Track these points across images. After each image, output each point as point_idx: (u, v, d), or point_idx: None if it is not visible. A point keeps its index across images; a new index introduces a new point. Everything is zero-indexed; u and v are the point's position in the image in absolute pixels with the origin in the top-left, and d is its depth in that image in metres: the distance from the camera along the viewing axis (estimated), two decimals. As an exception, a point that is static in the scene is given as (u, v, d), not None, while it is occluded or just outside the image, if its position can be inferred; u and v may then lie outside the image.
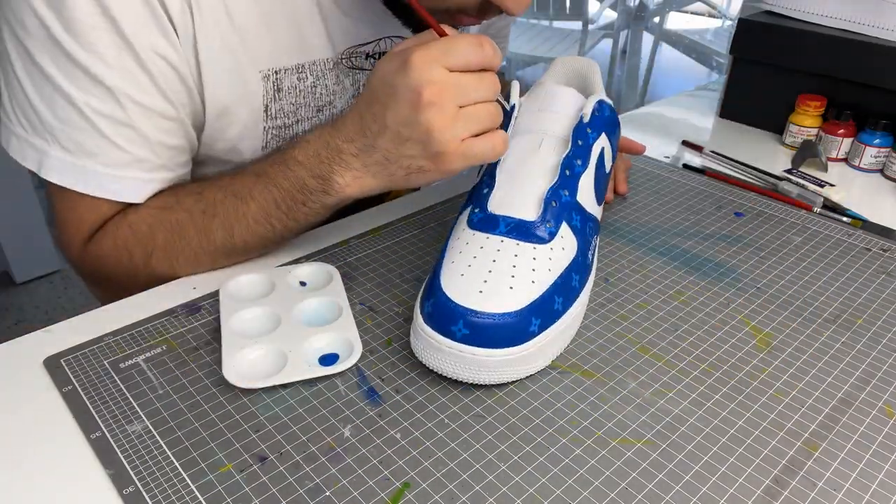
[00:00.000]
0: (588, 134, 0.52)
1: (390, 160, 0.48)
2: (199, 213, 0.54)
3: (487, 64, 0.46)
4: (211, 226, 0.54)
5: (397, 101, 0.46)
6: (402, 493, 0.38)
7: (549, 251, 0.47)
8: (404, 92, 0.45)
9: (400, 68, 0.45)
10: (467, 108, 0.46)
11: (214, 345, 0.49)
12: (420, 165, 0.48)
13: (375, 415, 0.43)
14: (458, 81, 0.45)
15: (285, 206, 0.52)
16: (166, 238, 0.54)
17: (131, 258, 0.55)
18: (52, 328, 0.51)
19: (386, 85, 0.46)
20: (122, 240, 0.55)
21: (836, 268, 0.61)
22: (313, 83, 0.60)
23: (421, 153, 0.47)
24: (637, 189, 0.73)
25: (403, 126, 0.46)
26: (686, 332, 0.52)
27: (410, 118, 0.45)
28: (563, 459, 0.41)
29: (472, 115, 0.46)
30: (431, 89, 0.44)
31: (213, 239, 0.54)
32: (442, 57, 0.45)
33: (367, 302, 0.54)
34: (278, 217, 0.53)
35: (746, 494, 0.39)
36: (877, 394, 0.47)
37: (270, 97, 0.58)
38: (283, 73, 0.58)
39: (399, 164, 0.48)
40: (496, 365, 0.44)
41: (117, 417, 0.43)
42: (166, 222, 0.54)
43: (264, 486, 0.39)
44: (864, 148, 0.80)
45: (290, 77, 0.59)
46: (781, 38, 0.85)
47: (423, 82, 0.44)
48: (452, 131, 0.45)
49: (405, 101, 0.45)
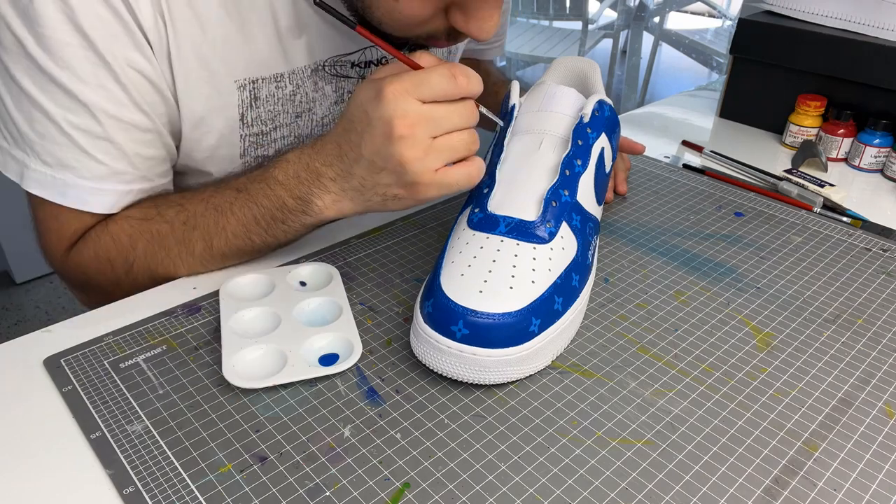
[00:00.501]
0: (588, 134, 0.52)
1: (366, 187, 0.49)
2: (179, 225, 0.54)
3: (462, 94, 0.46)
4: (191, 237, 0.54)
5: (371, 132, 0.46)
6: (402, 493, 0.38)
7: (549, 251, 0.47)
8: (377, 123, 0.45)
9: (374, 98, 0.46)
10: (441, 139, 0.46)
11: (214, 345, 0.49)
12: (395, 193, 0.48)
13: (375, 415, 0.43)
14: (431, 113, 0.45)
15: (264, 223, 0.53)
16: (146, 248, 0.55)
17: (112, 267, 0.56)
18: (52, 328, 0.51)
19: (362, 114, 0.47)
20: (104, 249, 0.56)
21: (836, 268, 0.61)
22: (293, 91, 0.61)
23: (395, 182, 0.47)
24: (637, 189, 0.73)
25: (377, 156, 0.47)
26: (686, 332, 0.52)
27: (384, 150, 0.46)
28: (563, 459, 0.41)
29: (446, 146, 0.46)
30: (403, 122, 0.45)
31: (193, 250, 0.55)
32: (414, 89, 0.45)
33: (367, 302, 0.54)
34: (257, 233, 0.54)
35: (746, 494, 0.39)
36: (877, 394, 0.47)
37: (247, 106, 0.59)
38: (261, 83, 0.58)
39: (375, 192, 0.49)
40: (496, 365, 0.44)
41: (117, 417, 0.43)
42: (147, 233, 0.55)
43: (264, 486, 0.39)
44: (864, 148, 0.80)
45: (269, 86, 0.59)
46: (781, 38, 0.85)
47: (396, 115, 0.45)
48: (425, 163, 0.46)
49: (379, 132, 0.46)
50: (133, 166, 0.55)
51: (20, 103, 0.51)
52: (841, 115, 0.81)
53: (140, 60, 0.51)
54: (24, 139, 0.52)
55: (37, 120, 0.51)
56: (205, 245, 0.54)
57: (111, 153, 0.53)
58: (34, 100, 0.50)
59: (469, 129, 0.47)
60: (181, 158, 0.61)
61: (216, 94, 0.56)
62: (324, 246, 0.61)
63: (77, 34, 0.48)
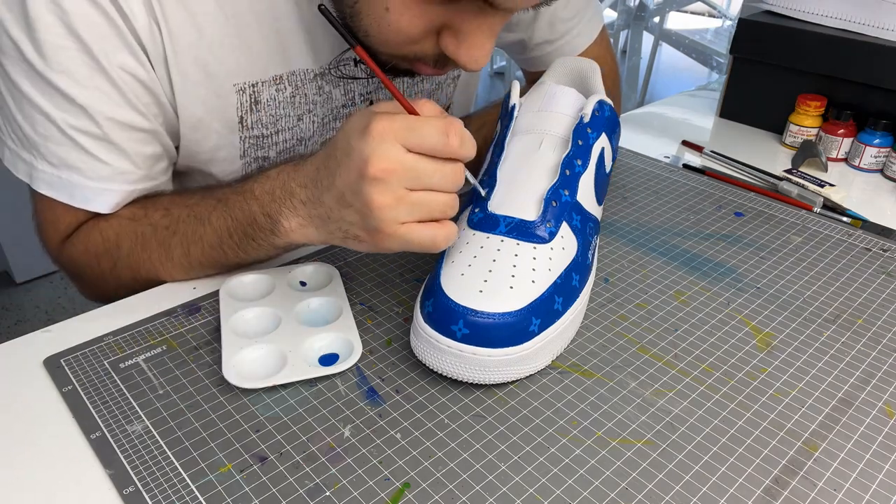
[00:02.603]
0: (588, 134, 0.52)
1: (332, 219, 0.47)
2: (162, 229, 0.54)
3: (451, 154, 0.43)
4: (171, 242, 0.54)
5: (348, 164, 0.44)
6: (402, 493, 0.38)
7: (549, 251, 0.47)
8: (355, 157, 0.43)
9: (361, 131, 0.43)
10: (417, 193, 0.43)
11: (214, 345, 0.49)
12: (356, 234, 0.46)
13: (375, 415, 0.43)
14: (413, 165, 0.43)
15: (237, 237, 0.52)
16: (130, 248, 0.55)
17: (99, 264, 0.57)
18: (52, 328, 0.51)
19: (345, 143, 0.44)
20: (93, 246, 0.56)
21: (836, 268, 0.61)
22: (292, 93, 0.60)
23: (358, 223, 0.45)
24: (637, 189, 0.73)
25: (348, 191, 0.44)
26: (686, 332, 0.52)
27: (355, 186, 0.43)
28: (563, 459, 0.41)
29: (420, 202, 0.43)
30: (381, 165, 0.42)
31: (172, 255, 0.54)
32: (402, 134, 0.42)
33: (367, 302, 0.54)
34: (230, 246, 0.53)
35: (746, 494, 0.39)
36: (877, 394, 0.47)
37: (246, 109, 0.58)
38: (261, 86, 0.58)
39: (338, 226, 0.47)
40: (496, 365, 0.44)
41: (117, 417, 0.43)
42: (132, 234, 0.55)
43: (264, 486, 0.39)
44: (864, 148, 0.80)
45: (269, 89, 0.59)
46: (781, 38, 0.85)
47: (374, 154, 0.42)
48: (392, 212, 0.43)
49: (354, 166, 0.43)
50: (135, 165, 0.55)
51: (22, 107, 0.51)
52: (841, 115, 0.81)
53: (133, 64, 0.51)
54: (30, 141, 0.52)
55: (38, 122, 0.51)
56: (182, 251, 0.54)
57: (112, 153, 0.53)
58: (34, 103, 0.50)
59: (450, 193, 0.45)
60: (182, 159, 0.61)
61: (214, 97, 0.56)
62: (324, 246, 0.61)
63: (71, 37, 0.48)
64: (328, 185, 0.46)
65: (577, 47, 0.76)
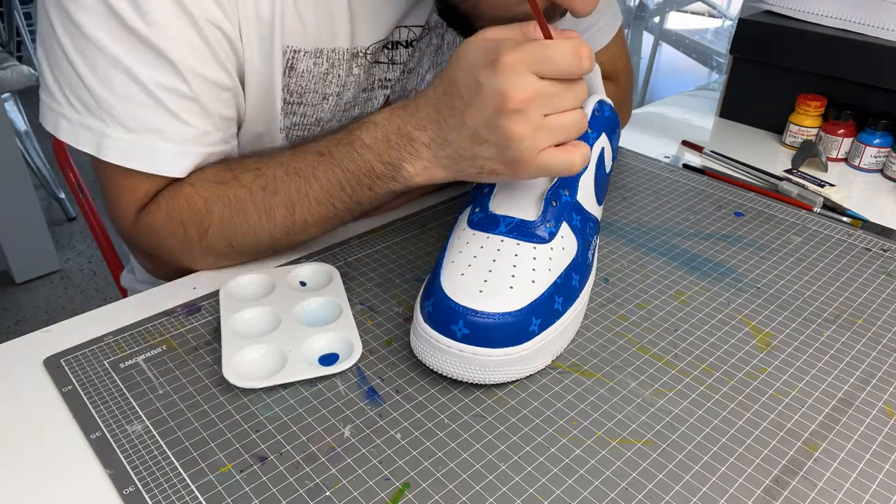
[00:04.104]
0: (588, 134, 0.52)
1: (463, 157, 0.46)
2: (258, 190, 0.53)
3: (582, 74, 0.44)
4: (272, 203, 0.52)
5: (481, 101, 0.43)
6: (402, 493, 0.38)
7: (549, 251, 0.47)
8: (490, 93, 0.42)
9: (488, 66, 0.42)
10: (551, 118, 0.43)
11: (214, 345, 0.49)
12: (493, 168, 0.46)
13: (375, 415, 0.43)
14: (548, 90, 0.42)
15: (350, 189, 0.51)
16: (222, 213, 0.53)
17: (185, 231, 0.54)
18: (52, 328, 0.51)
19: (470, 79, 0.44)
20: (177, 212, 0.54)
21: (836, 268, 0.61)
22: (327, 70, 0.59)
23: (496, 156, 0.45)
24: (637, 189, 0.74)
25: (483, 127, 0.44)
26: (686, 332, 0.52)
27: (492, 121, 0.43)
28: (563, 459, 0.41)
29: (557, 126, 0.44)
30: (520, 96, 0.42)
31: (274, 216, 0.53)
32: (535, 63, 0.42)
33: (367, 302, 0.54)
34: (341, 199, 0.52)
35: (746, 494, 0.39)
36: (877, 394, 0.47)
37: (280, 72, 0.57)
38: (301, 55, 0.56)
39: (471, 163, 0.46)
40: (496, 365, 0.44)
41: (117, 417, 0.43)
42: (224, 197, 0.53)
43: (264, 486, 0.39)
44: (864, 148, 0.80)
45: (307, 60, 0.57)
46: (781, 38, 0.85)
47: (513, 88, 0.42)
48: (533, 141, 0.43)
49: (490, 103, 0.43)
50: (216, 127, 0.54)
51: (97, 65, 0.49)
52: (841, 115, 0.81)
53: (220, 16, 0.50)
54: (102, 105, 0.50)
55: (118, 82, 0.49)
56: (286, 212, 0.53)
57: (197, 114, 0.52)
58: (117, 59, 0.48)
59: (580, 109, 0.45)
60: None
61: (269, 54, 0.55)
62: (324, 246, 0.61)
63: None
64: (456, 124, 0.45)
65: (600, 42, 0.76)
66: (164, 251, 0.56)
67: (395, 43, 0.63)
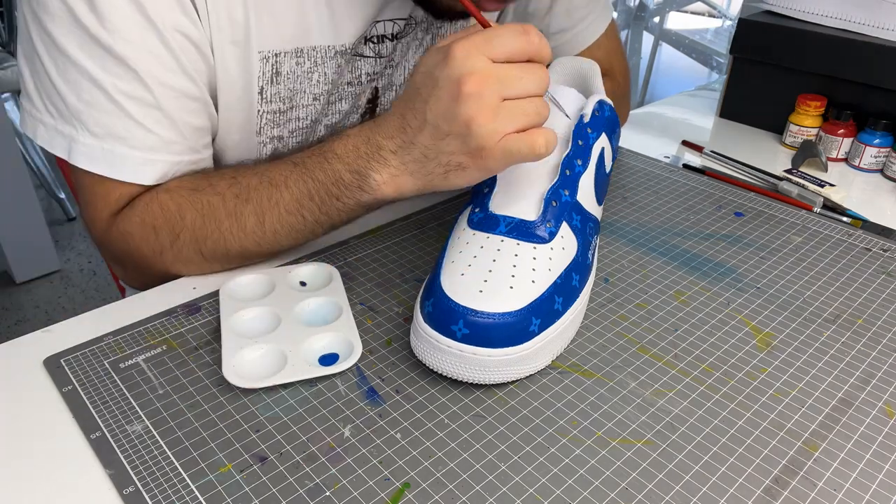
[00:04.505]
0: (588, 134, 0.53)
1: (429, 157, 0.47)
2: (231, 197, 0.53)
3: (534, 54, 0.44)
4: (243, 211, 0.53)
5: (438, 94, 0.44)
6: (402, 493, 0.38)
7: (549, 251, 0.47)
8: (445, 83, 0.44)
9: (441, 61, 0.44)
10: (511, 101, 0.44)
11: (214, 345, 0.49)
12: (459, 162, 0.46)
13: (375, 415, 0.43)
14: (502, 72, 0.43)
15: (318, 199, 0.51)
16: (195, 219, 0.53)
17: (157, 237, 0.54)
18: (52, 328, 0.51)
19: (427, 78, 0.45)
20: (151, 218, 0.54)
21: (836, 268, 0.61)
22: (310, 69, 0.59)
23: (460, 148, 0.45)
24: (637, 189, 0.73)
25: (443, 119, 0.44)
26: (686, 332, 0.52)
27: (450, 111, 0.44)
28: (563, 459, 0.41)
29: (516, 109, 0.44)
30: (472, 79, 0.43)
31: (244, 224, 0.53)
32: (484, 46, 0.43)
33: (367, 302, 0.54)
34: (310, 209, 0.52)
35: (746, 494, 0.39)
36: (877, 394, 0.47)
37: (267, 80, 0.57)
38: (283, 57, 0.57)
39: (437, 161, 0.47)
40: (496, 365, 0.44)
41: (117, 417, 0.43)
42: (196, 203, 0.53)
43: (264, 486, 0.39)
44: (864, 148, 0.80)
45: (290, 61, 0.58)
46: (781, 38, 0.85)
47: (464, 72, 0.43)
48: (493, 124, 0.43)
49: (446, 92, 0.44)
50: (182, 136, 0.54)
51: (67, 73, 0.50)
52: (841, 115, 0.81)
53: (187, 25, 0.50)
54: (72, 111, 0.51)
55: (84, 89, 0.50)
56: (257, 220, 0.53)
57: (161, 122, 0.52)
58: (82, 67, 0.49)
59: (540, 95, 0.45)
60: None
61: (245, 61, 0.55)
62: (324, 246, 0.61)
63: None
64: (419, 124, 0.46)
65: (593, 33, 0.77)
66: (135, 257, 0.57)
67: (380, 37, 0.63)
